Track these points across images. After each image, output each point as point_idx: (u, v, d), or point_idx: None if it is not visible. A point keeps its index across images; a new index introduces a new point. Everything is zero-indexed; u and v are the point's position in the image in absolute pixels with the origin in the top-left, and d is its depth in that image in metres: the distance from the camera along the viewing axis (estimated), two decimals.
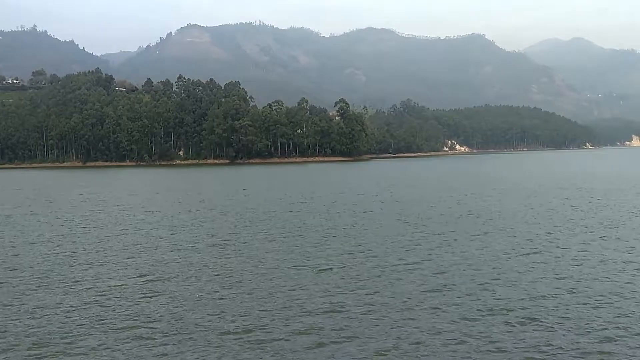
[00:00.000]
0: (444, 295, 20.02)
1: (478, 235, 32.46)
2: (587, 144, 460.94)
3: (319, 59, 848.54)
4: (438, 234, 33.05)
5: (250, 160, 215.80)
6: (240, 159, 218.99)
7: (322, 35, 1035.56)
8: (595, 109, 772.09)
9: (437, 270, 23.83)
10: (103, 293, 21.30)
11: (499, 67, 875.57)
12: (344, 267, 24.81)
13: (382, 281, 21.96)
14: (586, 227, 34.81)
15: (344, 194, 62.97)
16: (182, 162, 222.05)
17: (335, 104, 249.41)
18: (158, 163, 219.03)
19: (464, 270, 23.70)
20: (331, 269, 24.22)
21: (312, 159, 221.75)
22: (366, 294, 20.25)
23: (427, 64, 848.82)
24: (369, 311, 18.29)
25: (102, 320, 17.97)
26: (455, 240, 31.02)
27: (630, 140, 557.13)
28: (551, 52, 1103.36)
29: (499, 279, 22.18)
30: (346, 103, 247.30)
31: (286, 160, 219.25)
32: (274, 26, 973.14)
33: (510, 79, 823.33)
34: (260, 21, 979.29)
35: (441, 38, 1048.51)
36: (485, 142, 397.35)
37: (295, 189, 72.40)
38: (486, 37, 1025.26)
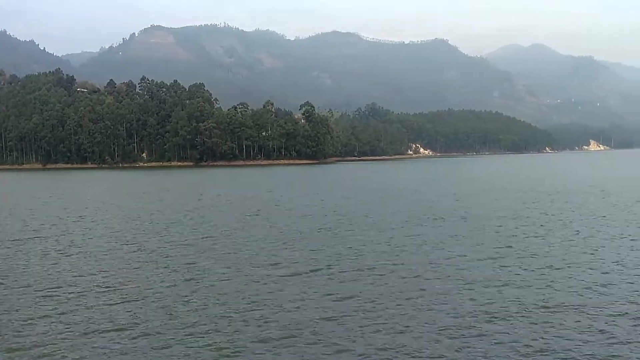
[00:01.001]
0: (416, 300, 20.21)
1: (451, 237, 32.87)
2: (547, 148, 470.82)
3: (284, 61, 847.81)
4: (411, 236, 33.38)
5: (215, 163, 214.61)
6: (205, 161, 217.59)
7: (287, 38, 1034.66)
8: (554, 114, 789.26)
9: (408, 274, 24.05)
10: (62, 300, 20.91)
11: (462, 71, 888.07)
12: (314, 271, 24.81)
13: (355, 285, 21.95)
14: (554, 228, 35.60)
15: (312, 197, 63.17)
16: (146, 164, 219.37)
17: (301, 106, 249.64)
18: (120, 165, 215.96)
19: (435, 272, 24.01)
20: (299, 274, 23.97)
21: (277, 161, 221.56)
22: (336, 300, 20.30)
23: (392, 68, 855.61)
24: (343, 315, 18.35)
25: (67, 327, 17.60)
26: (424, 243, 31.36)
27: (588, 144, 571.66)
28: (512, 57, 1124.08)
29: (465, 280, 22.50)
30: (312, 106, 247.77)
31: (251, 162, 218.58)
32: (239, 28, 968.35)
33: (473, 84, 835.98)
34: (225, 23, 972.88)
35: (405, 42, 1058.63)
36: (449, 145, 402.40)
37: (259, 191, 72.23)
38: (449, 42, 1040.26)
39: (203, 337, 15.87)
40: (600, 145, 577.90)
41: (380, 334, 15.71)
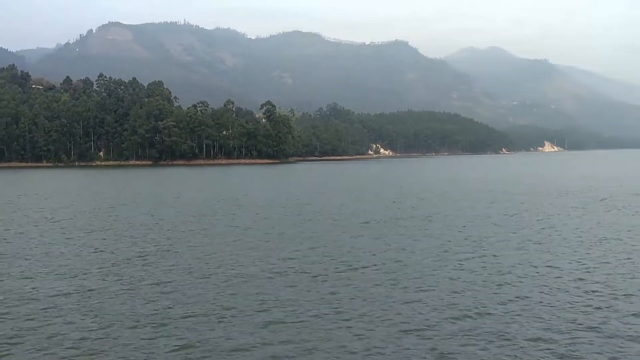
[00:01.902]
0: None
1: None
2: (504, 149, 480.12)
3: (245, 60, 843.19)
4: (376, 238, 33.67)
5: (174, 162, 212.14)
6: (164, 160, 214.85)
7: (248, 37, 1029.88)
8: (510, 115, 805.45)
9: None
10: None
11: (421, 73, 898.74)
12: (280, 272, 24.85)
13: (323, 286, 21.97)
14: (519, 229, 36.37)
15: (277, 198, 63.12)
16: (103, 163, 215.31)
17: (262, 106, 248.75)
18: (77, 164, 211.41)
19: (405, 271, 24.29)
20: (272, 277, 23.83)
21: (238, 160, 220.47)
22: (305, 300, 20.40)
23: (353, 68, 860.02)
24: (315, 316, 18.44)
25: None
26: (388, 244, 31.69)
27: (543, 146, 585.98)
28: (470, 60, 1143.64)
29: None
30: (273, 105, 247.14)
31: (212, 162, 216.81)
32: (199, 26, 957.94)
33: (432, 86, 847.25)
34: (184, 20, 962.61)
35: (366, 43, 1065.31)
36: (409, 146, 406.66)
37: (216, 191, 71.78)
38: (409, 44, 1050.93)
39: (169, 338, 15.66)
40: (555, 147, 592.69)
41: (350, 335, 15.70)
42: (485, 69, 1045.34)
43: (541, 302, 18.33)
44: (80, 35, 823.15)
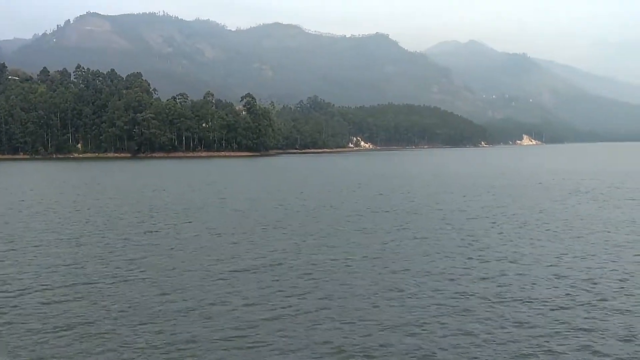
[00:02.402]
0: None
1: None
2: (483, 143, 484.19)
3: (225, 52, 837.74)
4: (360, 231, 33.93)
5: (154, 154, 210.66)
6: (143, 152, 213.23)
7: (228, 29, 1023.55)
8: (489, 109, 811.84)
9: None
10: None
11: (401, 66, 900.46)
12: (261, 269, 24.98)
13: (307, 282, 22.00)
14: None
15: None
16: (81, 155, 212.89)
17: (242, 98, 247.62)
18: (54, 156, 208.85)
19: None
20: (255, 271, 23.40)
21: (218, 153, 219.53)
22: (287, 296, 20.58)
23: (334, 61, 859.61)
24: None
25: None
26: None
27: (521, 139, 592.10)
28: (450, 53, 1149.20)
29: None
30: (253, 98, 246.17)
31: (191, 154, 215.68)
32: (179, 17, 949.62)
33: (412, 79, 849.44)
34: (164, 12, 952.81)
35: (347, 36, 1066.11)
36: (389, 139, 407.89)
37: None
38: (390, 37, 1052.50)
39: (152, 334, 15.53)
40: (533, 140, 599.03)
41: (335, 330, 15.65)
42: (465, 63, 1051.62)
43: (523, 296, 18.43)
44: (57, 25, 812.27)
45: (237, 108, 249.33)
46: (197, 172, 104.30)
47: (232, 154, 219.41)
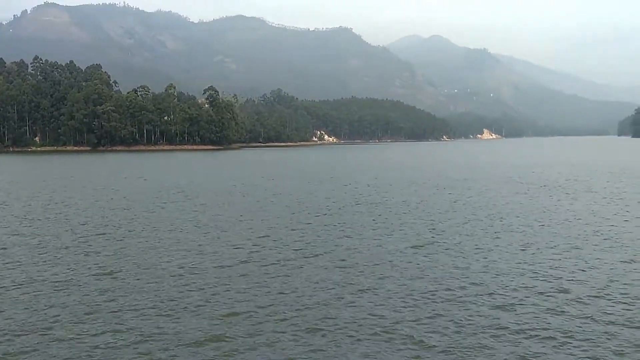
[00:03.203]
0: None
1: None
2: (444, 137, 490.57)
3: (187, 45, 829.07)
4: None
5: (114, 148, 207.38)
6: (103, 146, 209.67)
7: (190, 21, 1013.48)
8: (451, 103, 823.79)
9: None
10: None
11: (364, 60, 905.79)
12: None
13: (275, 278, 21.77)
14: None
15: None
16: (39, 148, 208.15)
17: (205, 91, 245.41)
18: (11, 149, 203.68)
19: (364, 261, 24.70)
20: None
21: (180, 147, 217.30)
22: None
23: (297, 54, 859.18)
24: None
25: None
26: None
27: (482, 133, 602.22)
28: (412, 48, 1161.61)
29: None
30: (216, 91, 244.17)
31: (153, 148, 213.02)
32: (139, 8, 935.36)
33: (375, 73, 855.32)
34: (124, 2, 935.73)
35: (310, 29, 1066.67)
36: (353, 133, 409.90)
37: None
38: (353, 30, 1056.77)
39: (117, 333, 15.11)
40: (493, 134, 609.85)
41: (307, 326, 15.36)
42: (427, 58, 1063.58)
43: (493, 289, 18.47)
44: (13, 15, 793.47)
45: (199, 101, 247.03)
46: (161, 166, 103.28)
47: (195, 147, 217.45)
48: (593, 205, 39.49)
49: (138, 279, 20.28)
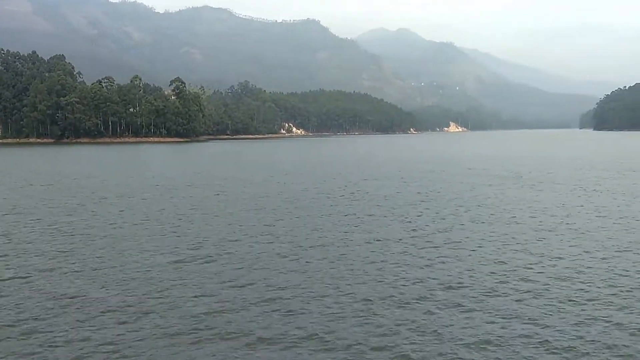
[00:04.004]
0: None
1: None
2: (412, 129, 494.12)
3: (153, 35, 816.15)
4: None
5: (78, 140, 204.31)
6: (67, 138, 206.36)
7: (156, 11, 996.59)
8: (418, 96, 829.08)
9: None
10: None
11: (332, 53, 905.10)
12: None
13: (246, 272, 22.07)
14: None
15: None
16: (0, 140, 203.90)
17: (171, 82, 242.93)
18: None
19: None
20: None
21: (146, 139, 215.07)
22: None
23: (264, 46, 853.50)
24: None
25: None
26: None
27: (448, 126, 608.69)
28: (380, 41, 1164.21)
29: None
30: (182, 82, 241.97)
31: (118, 140, 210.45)
32: None
33: (343, 65, 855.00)
34: None
35: (278, 21, 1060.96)
36: (321, 125, 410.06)
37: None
38: (321, 23, 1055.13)
39: (96, 330, 14.74)
40: (459, 127, 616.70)
41: (288, 321, 15.19)
42: (395, 51, 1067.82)
43: (467, 282, 18.65)
44: None
45: (165, 93, 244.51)
46: (127, 159, 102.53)
47: (161, 139, 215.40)
48: (559, 196, 40.66)
49: (106, 273, 20.70)
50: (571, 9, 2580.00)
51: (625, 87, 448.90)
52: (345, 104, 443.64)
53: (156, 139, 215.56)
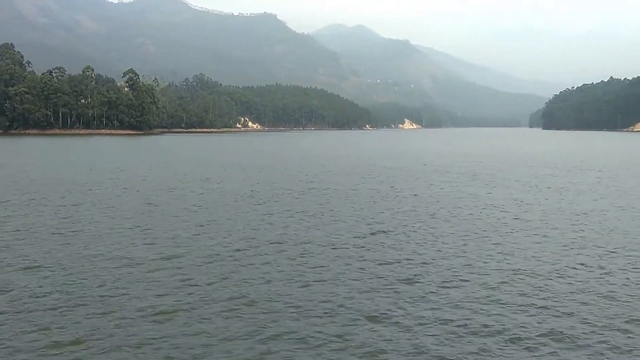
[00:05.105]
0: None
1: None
2: (367, 126, 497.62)
3: (106, 25, 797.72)
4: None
5: (28, 131, 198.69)
6: (15, 129, 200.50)
7: (109, 1, 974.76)
8: (374, 93, 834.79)
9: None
10: None
11: (289, 47, 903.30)
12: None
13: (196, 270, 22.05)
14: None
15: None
16: None
17: (124, 74, 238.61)
18: None
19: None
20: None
21: (98, 131, 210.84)
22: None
23: (221, 39, 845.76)
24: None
25: None
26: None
27: (403, 123, 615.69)
28: (337, 37, 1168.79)
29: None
30: (136, 74, 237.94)
31: (69, 132, 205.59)
32: None
33: (300, 60, 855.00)
34: None
35: (234, 14, 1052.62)
36: (277, 120, 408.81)
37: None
38: (278, 17, 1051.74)
39: (48, 332, 14.13)
40: (414, 124, 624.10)
41: (250, 322, 14.93)
42: (352, 47, 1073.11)
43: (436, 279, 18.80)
44: None
45: (118, 84, 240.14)
46: (80, 151, 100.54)
47: (114, 132, 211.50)
48: (513, 193, 41.72)
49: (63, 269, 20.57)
50: (522, 12, 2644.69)
51: (573, 87, 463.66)
52: (302, 99, 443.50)
53: (108, 131, 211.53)
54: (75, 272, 18.96)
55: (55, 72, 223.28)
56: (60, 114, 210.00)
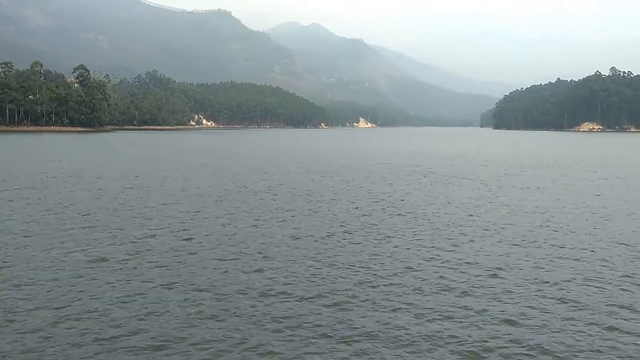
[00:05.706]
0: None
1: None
2: (322, 124, 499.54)
3: (56, 20, 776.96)
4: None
5: None
6: None
7: None
8: (328, 92, 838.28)
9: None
10: None
11: (244, 45, 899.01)
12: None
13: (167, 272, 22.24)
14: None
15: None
16: None
17: (74, 70, 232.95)
18: None
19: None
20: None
21: (47, 128, 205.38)
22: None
23: (175, 35, 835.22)
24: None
25: None
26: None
27: (358, 121, 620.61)
28: (292, 35, 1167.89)
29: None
30: (86, 70, 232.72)
31: (15, 128, 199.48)
32: None
33: (255, 58, 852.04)
34: None
35: (188, 11, 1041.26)
36: (232, 117, 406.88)
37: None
38: (232, 14, 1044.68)
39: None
40: (368, 123, 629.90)
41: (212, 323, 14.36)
42: (307, 45, 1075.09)
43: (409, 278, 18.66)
44: None
45: (68, 80, 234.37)
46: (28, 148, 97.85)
47: (63, 129, 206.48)
48: (467, 191, 42.15)
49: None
50: (477, 14, 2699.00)
51: (522, 88, 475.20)
52: (257, 97, 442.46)
53: (58, 128, 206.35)
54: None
55: (2, 67, 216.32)
56: (7, 110, 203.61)
